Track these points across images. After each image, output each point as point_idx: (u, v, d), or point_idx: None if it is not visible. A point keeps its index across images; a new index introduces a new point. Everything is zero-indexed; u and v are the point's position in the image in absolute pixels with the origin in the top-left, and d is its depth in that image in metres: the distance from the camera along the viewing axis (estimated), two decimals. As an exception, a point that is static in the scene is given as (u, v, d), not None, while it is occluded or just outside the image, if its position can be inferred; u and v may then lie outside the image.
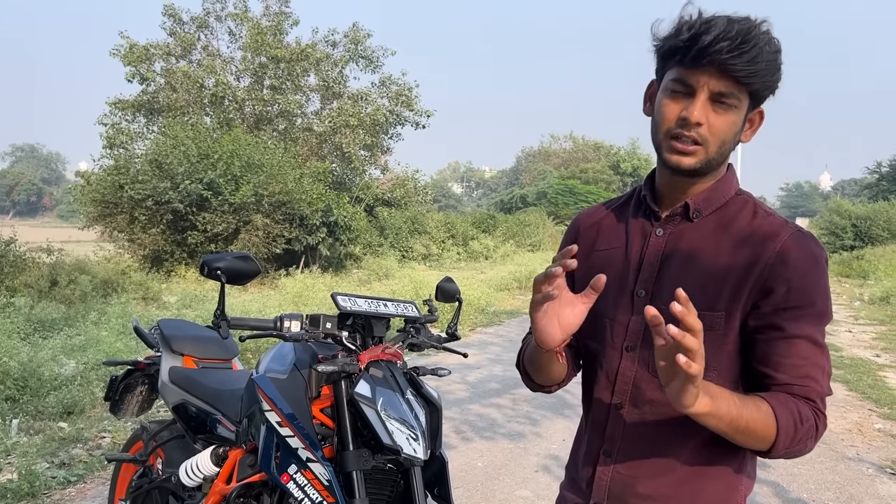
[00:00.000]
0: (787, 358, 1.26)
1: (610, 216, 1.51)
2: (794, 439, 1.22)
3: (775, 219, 1.33)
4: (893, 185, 37.10)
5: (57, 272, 11.07)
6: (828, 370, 1.29)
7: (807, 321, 1.27)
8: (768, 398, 1.23)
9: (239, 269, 2.11)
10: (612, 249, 1.46)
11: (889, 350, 9.74)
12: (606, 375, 1.43)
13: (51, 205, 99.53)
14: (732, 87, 1.23)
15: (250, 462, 2.39)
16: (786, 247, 1.27)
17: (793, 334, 1.26)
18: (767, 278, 1.27)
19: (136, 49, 23.14)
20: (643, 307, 1.27)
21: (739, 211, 1.35)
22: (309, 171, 20.41)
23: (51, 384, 5.78)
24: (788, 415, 1.21)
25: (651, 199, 1.41)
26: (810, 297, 1.26)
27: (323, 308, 10.13)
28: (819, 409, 1.26)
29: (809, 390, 1.26)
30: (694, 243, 1.35)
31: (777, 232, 1.30)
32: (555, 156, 64.43)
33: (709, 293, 1.30)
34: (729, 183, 1.37)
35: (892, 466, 4.91)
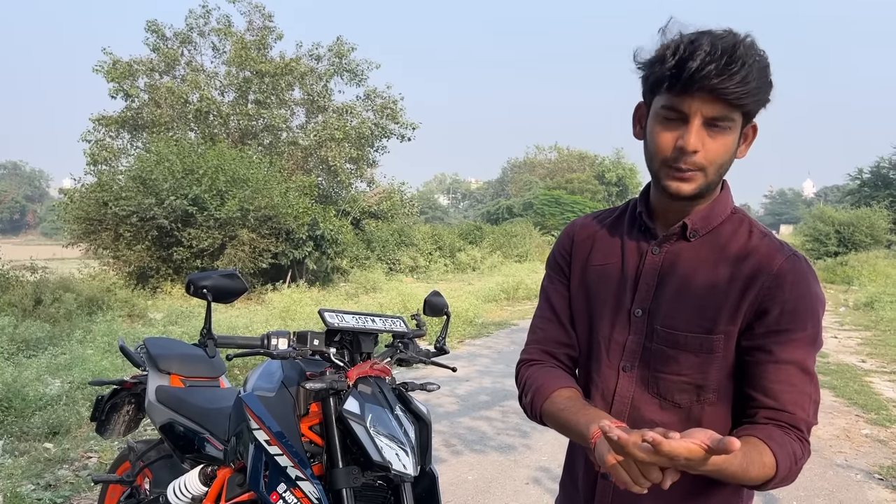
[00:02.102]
0: (775, 384, 1.26)
1: (604, 230, 1.49)
2: (785, 478, 1.23)
3: (771, 240, 1.33)
4: (875, 192, 37.46)
5: (41, 290, 10.95)
6: (815, 398, 1.29)
7: (797, 346, 1.26)
8: (769, 443, 1.21)
9: (225, 287, 2.10)
10: (608, 265, 1.44)
11: (874, 355, 9.82)
12: (602, 396, 1.41)
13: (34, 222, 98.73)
14: (725, 109, 1.21)
15: (239, 481, 2.38)
16: (782, 269, 1.28)
17: (783, 359, 1.26)
18: (763, 299, 1.27)
19: (119, 65, 23.06)
20: (640, 329, 1.36)
21: (735, 231, 1.35)
22: (295, 185, 20.36)
23: (36, 404, 5.71)
24: (787, 458, 1.21)
25: (647, 216, 1.40)
26: (802, 322, 1.26)
27: (310, 323, 10.08)
28: (805, 439, 1.26)
29: (796, 419, 1.25)
30: (691, 264, 1.34)
31: (773, 254, 1.30)
32: (540, 166, 64.71)
33: (707, 315, 1.30)
34: (725, 202, 1.37)
35: (880, 472, 4.94)
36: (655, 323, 1.34)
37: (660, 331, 1.34)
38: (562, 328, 1.50)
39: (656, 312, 1.35)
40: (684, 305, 1.32)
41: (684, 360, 1.31)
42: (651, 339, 1.35)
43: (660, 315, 1.34)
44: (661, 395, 1.35)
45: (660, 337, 1.33)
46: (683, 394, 1.33)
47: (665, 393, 1.35)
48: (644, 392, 1.36)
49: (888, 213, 32.16)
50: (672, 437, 1.05)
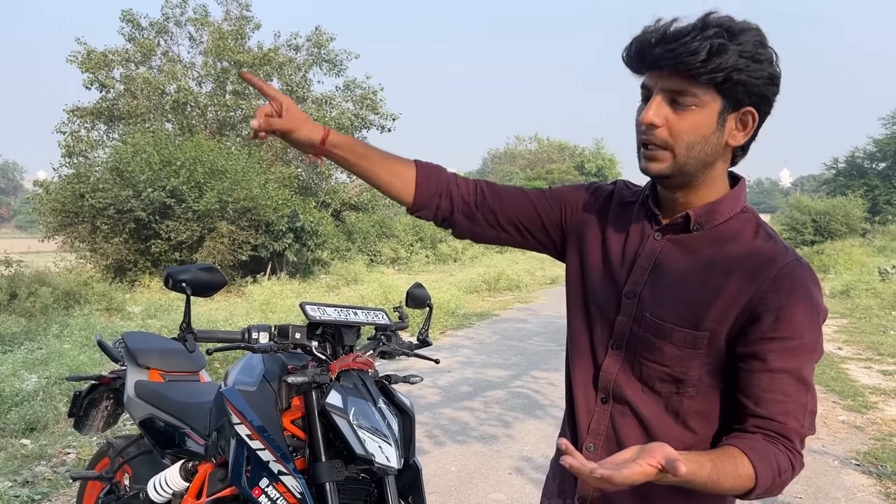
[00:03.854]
0: (768, 392, 1.22)
1: (625, 206, 1.46)
2: (768, 490, 1.20)
3: (776, 244, 1.29)
4: (850, 181, 37.97)
5: (16, 285, 10.81)
6: (811, 408, 1.24)
7: (792, 355, 1.22)
8: (749, 454, 1.18)
9: (204, 280, 2.08)
10: (612, 240, 1.43)
11: (851, 342, 9.97)
12: (591, 366, 1.42)
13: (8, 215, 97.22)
14: (685, 83, 1.20)
15: (220, 476, 2.35)
16: (781, 275, 1.24)
17: (776, 367, 1.22)
18: (757, 304, 1.23)
19: (93, 55, 22.69)
20: (629, 311, 1.36)
21: (741, 230, 1.31)
22: (274, 177, 20.23)
23: (12, 400, 5.63)
24: (769, 470, 1.18)
25: (653, 201, 1.39)
26: (799, 330, 1.22)
27: (291, 315, 10.03)
28: (796, 450, 1.22)
29: (787, 429, 1.22)
30: (689, 256, 1.32)
31: (775, 258, 1.26)
32: (520, 157, 64.72)
33: (695, 311, 1.28)
34: (734, 198, 1.33)
35: (857, 458, 5.02)
36: (645, 309, 1.34)
37: (647, 318, 1.33)
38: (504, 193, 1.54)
39: (646, 299, 1.34)
40: (674, 297, 1.31)
41: (667, 352, 1.30)
42: (639, 324, 1.34)
43: (649, 302, 1.33)
44: (642, 380, 1.35)
45: (647, 324, 1.33)
46: (663, 384, 1.32)
47: (646, 379, 1.34)
48: (628, 373, 1.36)
49: (863, 202, 32.66)
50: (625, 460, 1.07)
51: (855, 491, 4.42)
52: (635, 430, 1.37)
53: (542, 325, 11.22)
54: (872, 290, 15.11)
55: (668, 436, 1.29)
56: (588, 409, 1.42)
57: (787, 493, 4.36)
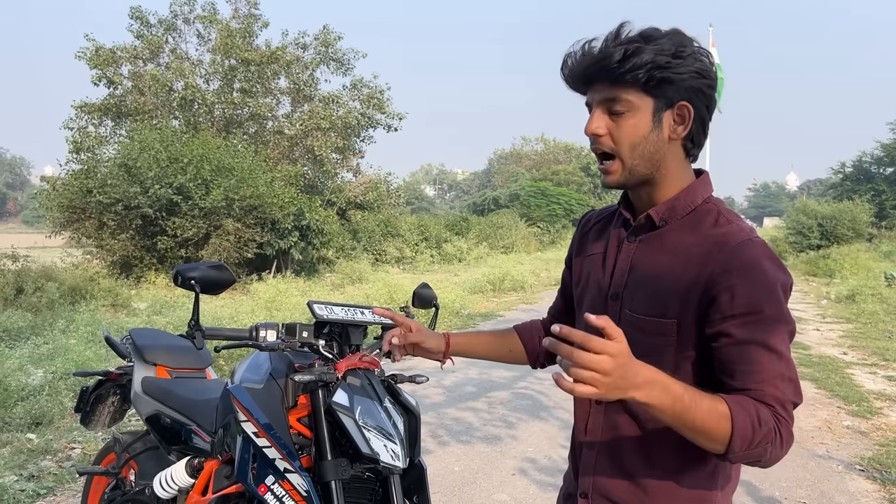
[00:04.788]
0: (739, 365, 1.26)
1: (601, 223, 1.59)
2: (751, 442, 1.19)
3: (732, 227, 1.34)
4: (857, 185, 37.80)
5: (23, 279, 10.86)
6: (788, 376, 1.26)
7: (757, 328, 1.25)
8: (727, 399, 1.21)
9: (213, 278, 2.09)
10: (596, 255, 1.54)
11: (856, 348, 9.93)
12: None
13: (15, 210, 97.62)
14: (614, 90, 1.28)
15: (226, 473, 2.36)
16: (732, 255, 1.27)
17: (743, 340, 1.25)
18: (710, 287, 1.27)
19: (102, 52, 22.79)
20: (615, 311, 1.45)
21: (703, 219, 1.37)
22: (280, 175, 20.29)
23: (18, 394, 5.66)
24: (745, 416, 1.19)
25: (625, 208, 1.47)
26: (756, 304, 1.25)
27: (296, 313, 10.05)
28: (779, 414, 1.23)
29: (764, 394, 1.24)
30: (658, 252, 1.39)
31: (726, 241, 1.30)
32: (526, 158, 64.71)
33: (662, 301, 1.35)
34: (694, 192, 1.39)
35: (861, 463, 5.00)
36: (625, 307, 1.42)
37: (627, 314, 1.41)
38: (563, 301, 1.78)
39: (626, 298, 1.42)
40: (647, 292, 1.38)
41: (643, 342, 1.33)
42: (622, 321, 1.40)
43: (628, 300, 1.41)
44: None
45: (626, 321, 1.39)
46: None
47: None
48: None
49: (870, 207, 32.48)
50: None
51: (859, 496, 4.41)
52: (631, 426, 1.42)
53: (547, 327, 11.22)
54: (878, 295, 15.06)
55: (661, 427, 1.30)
56: (584, 410, 1.51)
57: (792, 497, 4.35)
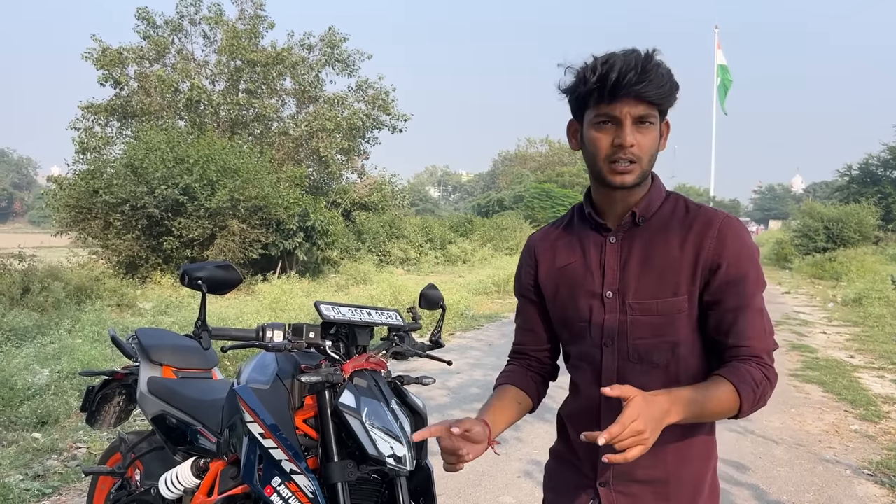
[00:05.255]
0: (735, 324, 1.49)
1: (561, 235, 1.71)
2: (754, 402, 1.45)
3: (706, 209, 1.56)
4: (864, 188, 37.62)
5: (29, 279, 10.87)
6: (769, 329, 1.52)
7: (746, 292, 1.49)
8: (728, 375, 1.45)
9: (220, 278, 2.08)
10: (572, 263, 1.66)
11: (863, 351, 9.89)
12: (592, 371, 1.62)
13: (22, 210, 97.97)
14: (648, 109, 1.46)
15: (232, 474, 2.35)
16: (721, 230, 1.51)
17: (737, 304, 1.49)
18: (714, 257, 1.50)
19: (108, 52, 22.86)
20: (614, 307, 1.58)
21: (674, 209, 1.58)
22: (285, 176, 20.30)
23: (24, 394, 5.67)
24: (747, 386, 1.43)
25: (596, 214, 1.62)
26: (745, 269, 1.50)
27: (300, 314, 10.06)
28: (766, 364, 1.48)
29: (755, 348, 1.48)
30: (647, 243, 1.56)
31: (712, 219, 1.52)
32: (531, 159, 64.71)
33: (672, 281, 1.52)
34: (659, 189, 1.60)
35: (869, 468, 4.97)
36: (627, 299, 1.55)
37: (633, 304, 1.55)
38: (533, 335, 1.82)
39: (626, 291, 1.55)
40: (650, 278, 1.54)
41: (658, 323, 1.53)
42: (625, 313, 1.55)
43: (629, 292, 1.55)
44: (641, 359, 1.56)
45: (633, 309, 1.55)
46: (661, 353, 1.54)
47: (644, 356, 1.55)
48: (626, 361, 1.57)
49: (876, 210, 32.32)
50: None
51: (867, 501, 4.38)
52: None
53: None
54: (885, 298, 14.98)
55: None
56: (596, 407, 1.61)
57: (800, 502, 4.33)
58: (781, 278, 23.90)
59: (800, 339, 10.69)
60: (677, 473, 1.56)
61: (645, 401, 1.30)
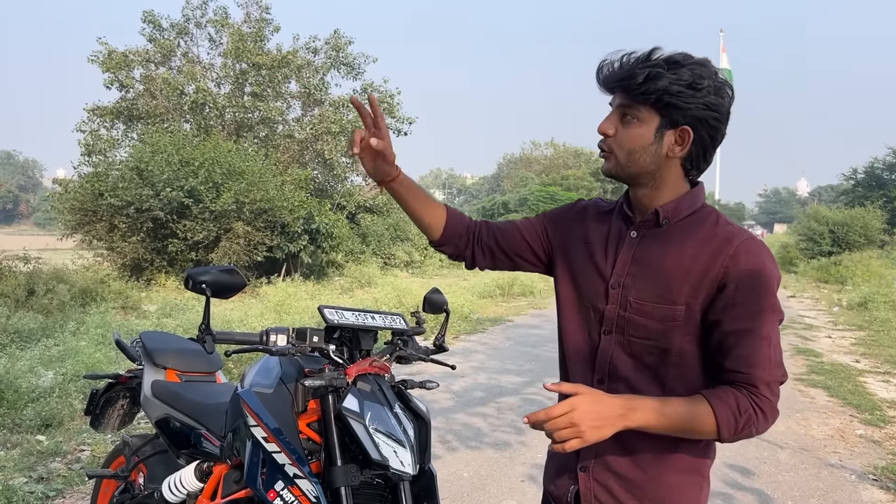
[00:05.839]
0: (735, 349, 1.45)
1: (603, 216, 1.72)
2: (736, 428, 1.41)
3: (733, 227, 1.53)
4: (869, 192, 37.51)
5: (34, 281, 10.90)
6: (776, 360, 1.45)
7: (753, 315, 1.44)
8: (707, 395, 1.43)
9: (224, 282, 2.08)
10: (595, 244, 1.68)
11: (868, 355, 9.85)
12: (588, 355, 1.65)
13: (27, 212, 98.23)
14: (630, 101, 1.47)
15: (235, 478, 2.35)
16: (738, 250, 1.46)
17: (741, 328, 1.44)
18: (721, 277, 1.45)
19: (114, 55, 22.91)
20: (616, 298, 1.60)
21: (703, 220, 1.55)
22: (290, 179, 20.31)
23: (28, 396, 5.68)
24: (726, 408, 1.41)
25: (627, 206, 1.64)
26: (756, 294, 1.44)
27: (305, 317, 10.06)
28: (760, 394, 1.42)
29: (752, 377, 1.43)
30: (662, 246, 1.55)
31: (732, 237, 1.49)
32: (536, 162, 64.57)
33: (672, 289, 1.51)
34: (693, 198, 1.57)
35: (875, 473, 4.95)
36: (629, 295, 1.56)
37: (632, 302, 1.55)
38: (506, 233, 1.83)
39: (630, 286, 1.56)
40: (653, 281, 1.53)
41: (652, 327, 1.52)
42: (625, 308, 1.56)
43: (633, 288, 1.56)
44: (633, 355, 1.56)
45: (632, 307, 1.55)
46: (651, 355, 1.54)
47: (636, 354, 1.56)
48: (621, 352, 1.58)
49: (882, 214, 32.22)
50: None
51: (872, 506, 4.37)
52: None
53: (556, 332, 11.17)
54: (891, 302, 14.93)
55: None
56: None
57: (804, 507, 4.31)
58: (786, 282, 23.82)
59: (805, 343, 10.66)
60: (656, 479, 1.55)
61: (589, 397, 1.38)
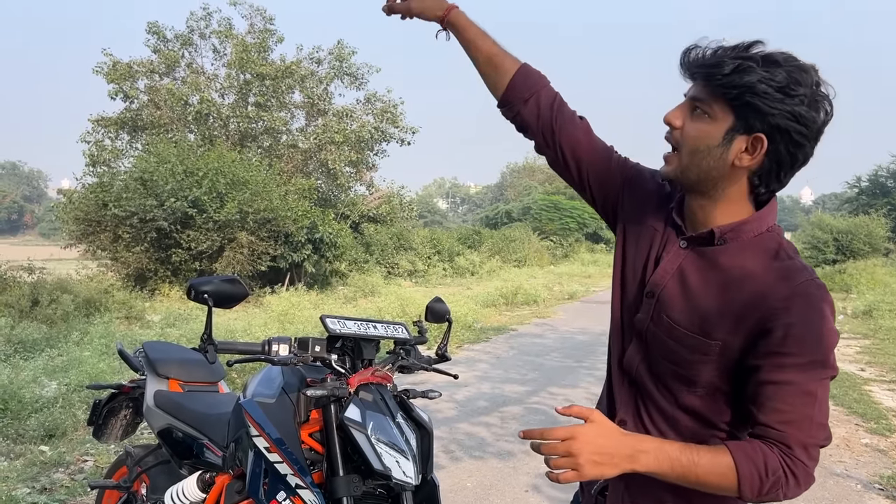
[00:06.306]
0: (771, 401, 1.26)
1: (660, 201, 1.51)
2: (760, 489, 1.24)
3: (794, 263, 1.31)
4: (873, 200, 37.44)
5: (38, 291, 10.92)
6: (819, 420, 1.27)
7: (800, 370, 1.25)
8: (732, 449, 1.25)
9: (226, 292, 2.08)
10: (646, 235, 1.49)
11: (874, 364, 9.80)
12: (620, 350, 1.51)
13: (32, 223, 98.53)
14: (705, 93, 1.29)
15: (238, 488, 2.35)
16: (794, 293, 1.26)
17: (781, 380, 1.25)
18: (768, 319, 1.26)
19: (119, 66, 23.04)
20: (648, 309, 1.43)
21: (763, 248, 1.34)
22: (294, 188, 20.37)
23: (32, 406, 5.68)
24: (751, 466, 1.23)
25: (676, 212, 1.45)
26: (808, 347, 1.25)
27: (308, 326, 10.06)
28: (794, 456, 1.25)
29: (787, 436, 1.25)
30: (710, 268, 1.36)
31: (790, 277, 1.28)
32: (539, 171, 64.59)
33: (710, 320, 1.33)
34: (761, 219, 1.35)
35: (881, 482, 4.92)
36: (663, 311, 1.39)
37: (665, 320, 1.39)
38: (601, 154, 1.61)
39: (665, 302, 1.39)
40: (692, 305, 1.36)
41: (680, 354, 1.36)
42: (656, 324, 1.40)
43: (668, 306, 1.39)
44: (656, 374, 1.43)
45: (664, 326, 1.39)
46: (675, 381, 1.39)
47: (660, 374, 1.42)
48: (645, 366, 1.44)
49: (886, 222, 32.15)
50: None
51: (879, 516, 4.34)
52: (657, 414, 1.43)
53: (560, 341, 11.16)
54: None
55: (683, 425, 1.39)
56: (620, 384, 1.51)
57: (809, 516, 4.28)
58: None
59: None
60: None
61: (596, 428, 1.23)
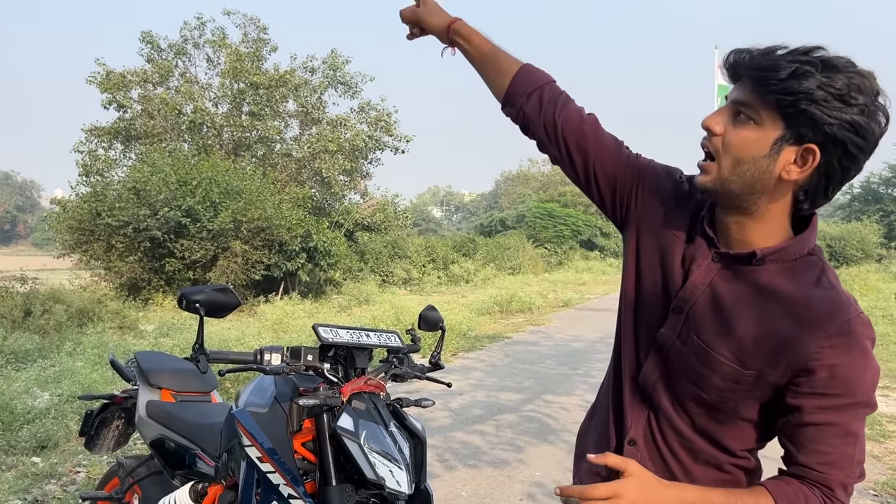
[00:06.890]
0: (813, 443, 1.21)
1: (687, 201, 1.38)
2: None
3: (838, 294, 1.22)
4: (866, 206, 37.71)
5: (31, 301, 10.88)
6: (858, 458, 1.22)
7: (842, 411, 1.19)
8: (776, 494, 1.21)
9: (218, 301, 2.08)
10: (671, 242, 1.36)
11: (867, 370, 9.81)
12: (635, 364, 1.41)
13: (25, 233, 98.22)
14: (753, 97, 1.16)
15: (230, 498, 2.34)
16: (840, 331, 1.17)
17: (825, 421, 1.19)
18: (812, 357, 1.18)
19: (112, 76, 23.02)
20: (675, 325, 1.32)
21: (805, 272, 1.24)
22: (288, 197, 20.35)
23: (24, 417, 5.64)
24: None
25: (708, 222, 1.32)
26: (852, 388, 1.18)
27: (302, 335, 10.03)
28: (836, 498, 1.21)
29: (829, 479, 1.21)
30: (747, 289, 1.26)
31: (835, 312, 1.19)
32: (533, 179, 64.86)
33: (745, 348, 1.24)
34: (805, 241, 1.25)
35: (875, 488, 4.92)
36: (692, 331, 1.29)
37: (695, 341, 1.29)
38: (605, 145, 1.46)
39: (695, 321, 1.29)
40: (726, 328, 1.26)
41: (709, 379, 1.27)
42: (683, 343, 1.30)
43: (699, 326, 1.28)
44: (675, 395, 1.34)
45: (692, 347, 1.29)
46: (697, 405, 1.31)
47: (680, 396, 1.33)
48: (664, 384, 1.35)
49: (879, 228, 32.38)
50: None
51: (873, 522, 4.34)
52: (672, 434, 1.36)
53: (555, 349, 11.15)
54: (889, 316, 14.92)
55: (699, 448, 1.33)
56: (632, 399, 1.41)
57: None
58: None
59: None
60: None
61: (638, 482, 1.16)
